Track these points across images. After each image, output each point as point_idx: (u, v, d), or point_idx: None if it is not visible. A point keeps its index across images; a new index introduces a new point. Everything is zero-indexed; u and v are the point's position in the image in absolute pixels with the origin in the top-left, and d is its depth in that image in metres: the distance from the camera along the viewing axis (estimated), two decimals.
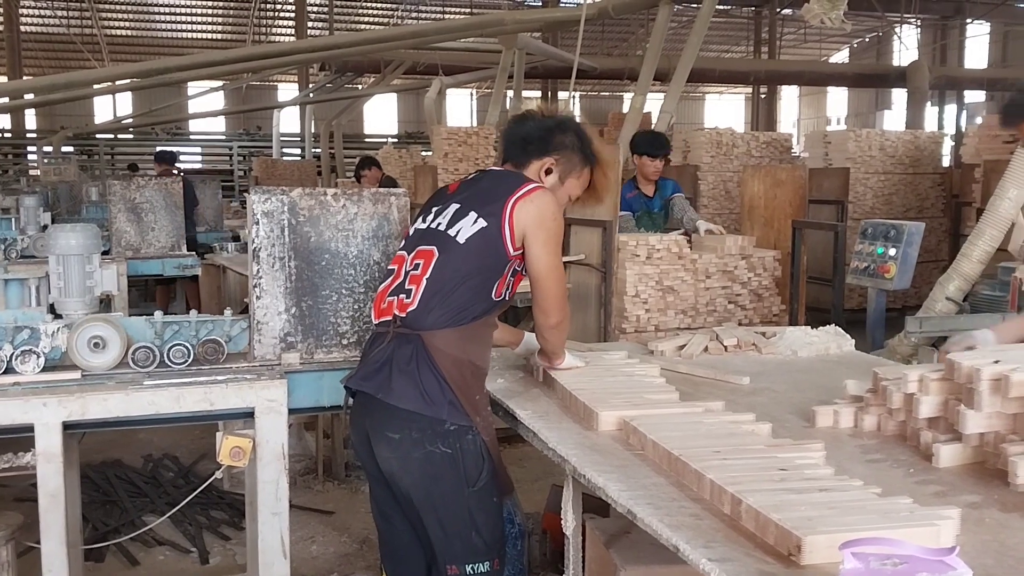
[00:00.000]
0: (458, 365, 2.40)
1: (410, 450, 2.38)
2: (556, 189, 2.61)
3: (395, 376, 2.40)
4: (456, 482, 2.39)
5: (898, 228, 4.51)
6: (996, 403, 1.93)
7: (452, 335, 2.40)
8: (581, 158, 2.65)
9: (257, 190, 2.82)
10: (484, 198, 2.50)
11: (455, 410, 2.37)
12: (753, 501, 1.64)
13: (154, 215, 6.79)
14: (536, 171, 2.61)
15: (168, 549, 4.09)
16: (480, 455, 2.40)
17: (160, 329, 2.89)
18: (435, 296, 2.41)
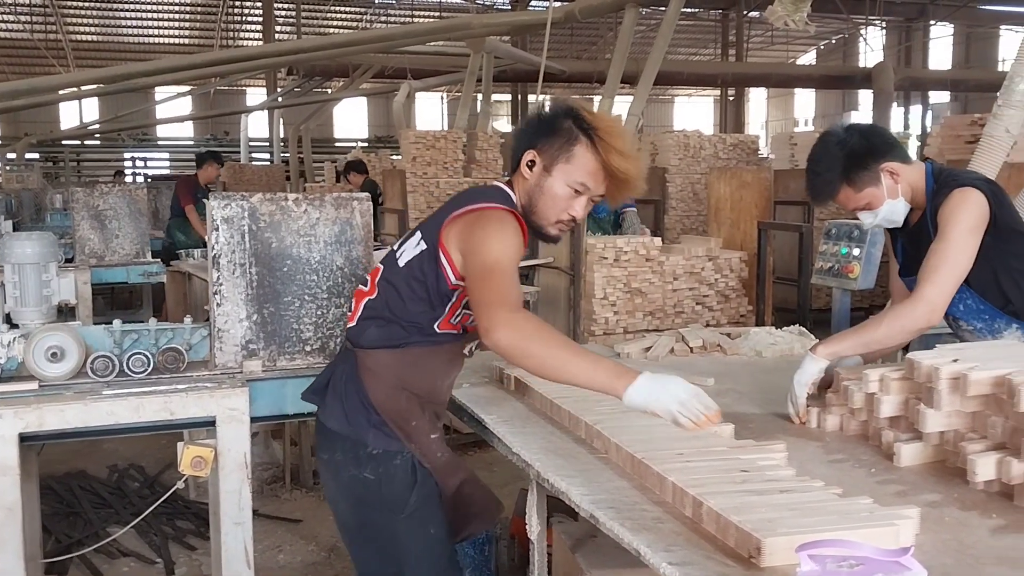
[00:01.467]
0: (389, 389, 2.23)
1: (336, 472, 2.28)
2: (544, 183, 2.20)
3: (329, 393, 2.31)
4: (384, 509, 2.24)
5: (862, 228, 4.54)
6: (955, 402, 1.94)
7: (386, 357, 2.24)
8: (566, 137, 2.20)
9: (216, 196, 2.79)
10: (434, 217, 2.28)
11: (380, 434, 2.21)
12: (714, 503, 1.63)
13: (118, 222, 6.71)
14: (521, 172, 2.26)
15: (133, 560, 4.04)
16: (410, 481, 2.22)
17: (119, 338, 2.85)
18: (371, 317, 2.27)
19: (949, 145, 7.53)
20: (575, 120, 2.21)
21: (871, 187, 2.54)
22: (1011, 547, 1.59)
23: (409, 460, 2.22)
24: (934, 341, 2.38)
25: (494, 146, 10.96)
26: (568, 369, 1.92)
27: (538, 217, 2.23)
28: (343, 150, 21.08)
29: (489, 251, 2.06)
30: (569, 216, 2.23)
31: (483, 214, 2.15)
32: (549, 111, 2.28)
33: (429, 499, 2.25)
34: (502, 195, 2.24)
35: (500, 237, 2.09)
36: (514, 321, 1.94)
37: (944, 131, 7.96)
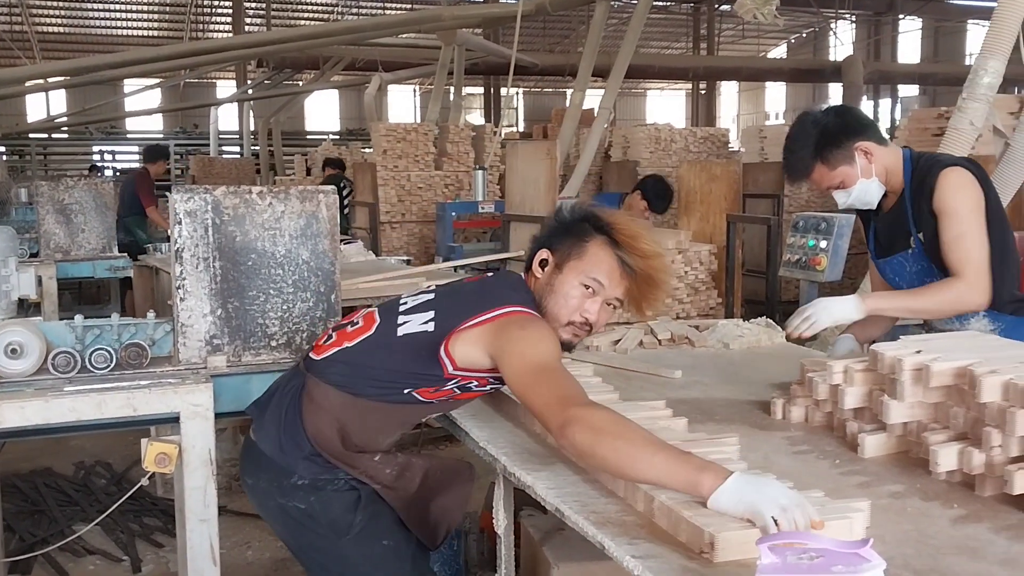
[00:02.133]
0: (325, 427, 2.12)
1: (263, 501, 2.18)
2: (555, 281, 2.14)
3: (268, 412, 2.22)
4: (328, 536, 2.12)
5: (829, 220, 4.57)
6: (918, 393, 1.95)
7: (336, 397, 2.13)
8: (579, 234, 2.16)
9: (180, 189, 2.75)
10: (457, 301, 2.18)
11: (312, 465, 2.11)
12: (665, 498, 1.62)
13: (84, 216, 6.62)
14: (534, 271, 2.22)
15: (99, 558, 3.99)
16: (351, 503, 2.12)
17: (81, 333, 2.81)
18: (345, 361, 2.18)
19: (916, 138, 7.60)
20: (592, 220, 2.18)
21: (844, 165, 2.57)
22: (971, 537, 1.61)
23: (344, 483, 2.11)
24: (900, 332, 2.40)
25: (465, 139, 10.93)
26: (650, 466, 1.65)
27: (548, 318, 2.12)
28: (314, 143, 20.95)
29: (535, 353, 1.94)
30: (582, 319, 2.12)
31: (512, 319, 2.04)
32: (567, 213, 2.25)
33: (378, 515, 2.14)
34: (524, 294, 2.15)
35: (539, 337, 1.99)
36: (586, 417, 1.74)
37: (912, 124, 8.04)
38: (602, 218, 2.16)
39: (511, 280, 2.24)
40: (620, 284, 2.12)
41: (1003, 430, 1.74)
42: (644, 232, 2.14)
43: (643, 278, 2.12)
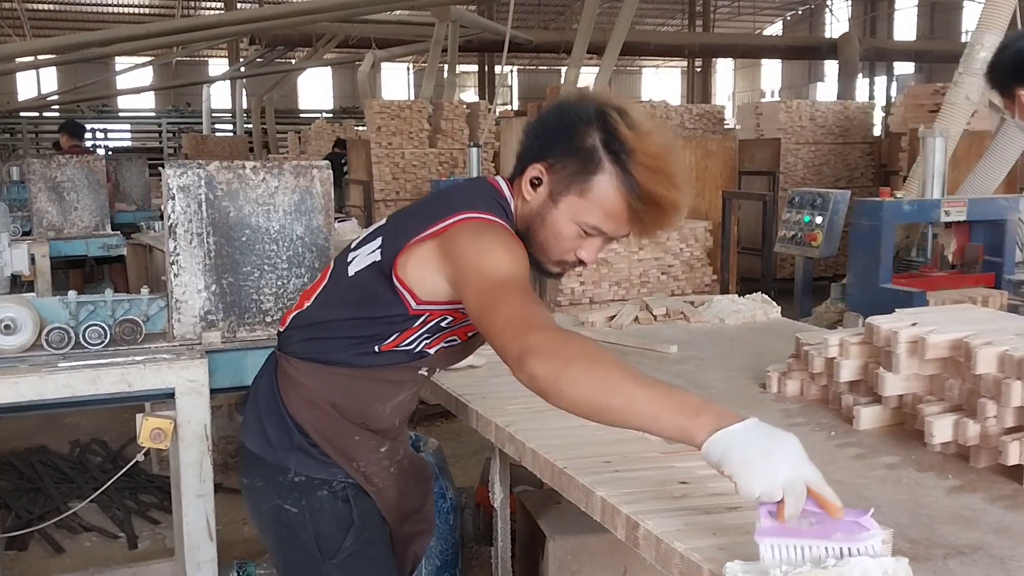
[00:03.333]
0: (313, 407, 1.83)
1: (258, 502, 1.89)
2: (547, 215, 1.70)
3: (249, 406, 1.94)
4: (308, 552, 1.83)
5: (824, 196, 4.57)
6: (914, 365, 1.95)
7: (313, 370, 1.84)
8: (586, 159, 1.65)
9: (172, 164, 2.74)
10: (407, 217, 1.80)
11: (307, 458, 1.81)
12: (652, 525, 1.41)
13: (76, 194, 6.59)
14: (523, 187, 1.74)
15: (95, 535, 4.00)
16: (344, 519, 1.82)
17: (75, 309, 2.80)
18: (305, 325, 1.87)
19: (912, 114, 7.58)
20: (605, 134, 1.64)
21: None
22: (965, 507, 1.61)
23: (340, 493, 1.82)
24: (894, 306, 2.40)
25: (460, 116, 10.88)
26: (629, 403, 1.32)
27: (536, 250, 1.73)
28: (307, 121, 20.86)
29: (490, 266, 1.56)
30: (576, 259, 1.74)
31: (462, 227, 1.64)
32: (573, 110, 1.69)
33: (371, 541, 1.86)
34: (484, 199, 1.71)
35: (495, 246, 1.60)
36: (549, 344, 1.40)
37: (907, 100, 8.02)
38: (619, 133, 1.62)
39: (476, 184, 1.79)
40: (626, 227, 1.68)
41: (998, 401, 1.74)
42: (672, 155, 1.64)
43: (661, 212, 1.65)
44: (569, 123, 1.68)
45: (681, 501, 1.53)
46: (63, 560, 3.77)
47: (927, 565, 1.36)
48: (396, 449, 1.91)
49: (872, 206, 3.88)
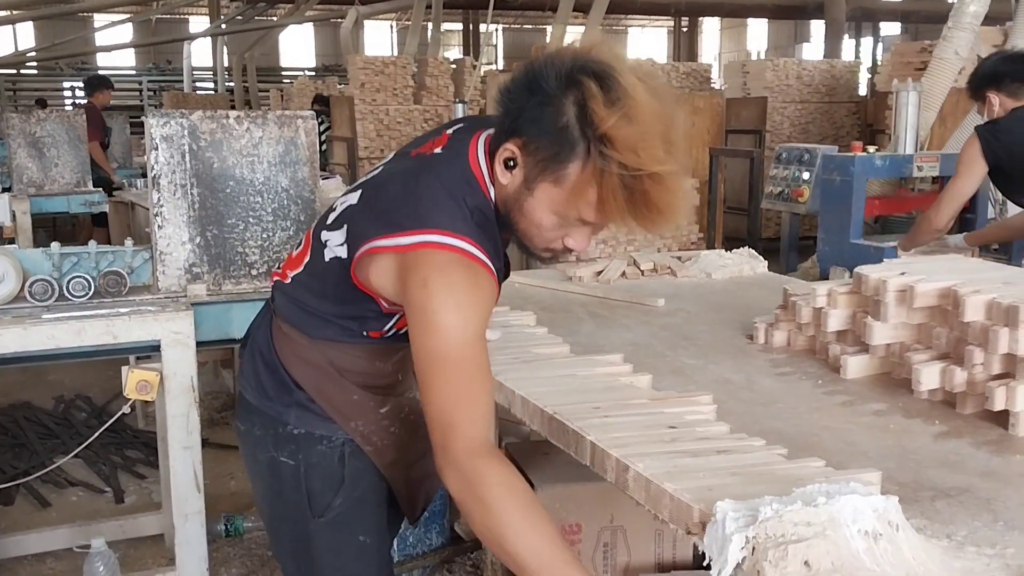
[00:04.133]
0: (311, 368, 1.73)
1: (255, 450, 1.80)
2: (524, 201, 1.49)
3: (247, 356, 1.83)
4: (298, 507, 1.76)
5: (812, 152, 4.56)
6: (902, 314, 1.96)
7: (300, 336, 1.72)
8: (560, 142, 1.40)
9: (155, 113, 2.70)
10: (369, 209, 1.60)
11: (306, 413, 1.73)
12: (643, 467, 1.40)
13: (57, 150, 6.50)
14: (500, 166, 1.51)
15: (81, 490, 3.99)
16: (335, 478, 1.75)
17: (58, 261, 2.77)
18: (290, 298, 1.74)
19: (900, 72, 7.54)
20: (580, 109, 1.38)
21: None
22: (952, 451, 1.63)
23: (338, 449, 1.74)
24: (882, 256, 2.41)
25: (445, 72, 10.76)
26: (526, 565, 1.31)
27: (520, 236, 1.56)
28: (290, 78, 20.63)
29: (436, 331, 1.42)
30: (563, 246, 1.55)
31: (420, 260, 1.45)
32: (543, 75, 1.42)
33: (362, 501, 1.78)
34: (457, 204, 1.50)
35: (451, 306, 1.42)
36: (470, 472, 1.36)
37: (894, 59, 7.98)
38: (595, 112, 1.36)
39: (452, 176, 1.54)
40: (613, 215, 1.44)
41: (985, 348, 1.75)
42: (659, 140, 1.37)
43: (645, 206, 1.40)
44: (540, 93, 1.42)
45: (670, 445, 1.53)
46: (49, 514, 3.77)
47: (915, 507, 1.37)
48: (399, 407, 1.80)
49: (843, 161, 3.87)
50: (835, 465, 1.46)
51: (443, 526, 3.26)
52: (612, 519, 2.35)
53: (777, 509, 1.14)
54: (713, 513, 1.20)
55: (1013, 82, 3.38)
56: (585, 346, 2.27)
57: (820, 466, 1.44)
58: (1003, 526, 1.33)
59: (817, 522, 1.13)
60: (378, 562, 1.83)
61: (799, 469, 1.42)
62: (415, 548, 3.16)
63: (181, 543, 2.77)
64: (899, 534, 1.16)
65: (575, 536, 2.32)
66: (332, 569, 1.78)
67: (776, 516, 1.13)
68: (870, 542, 1.13)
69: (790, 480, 1.30)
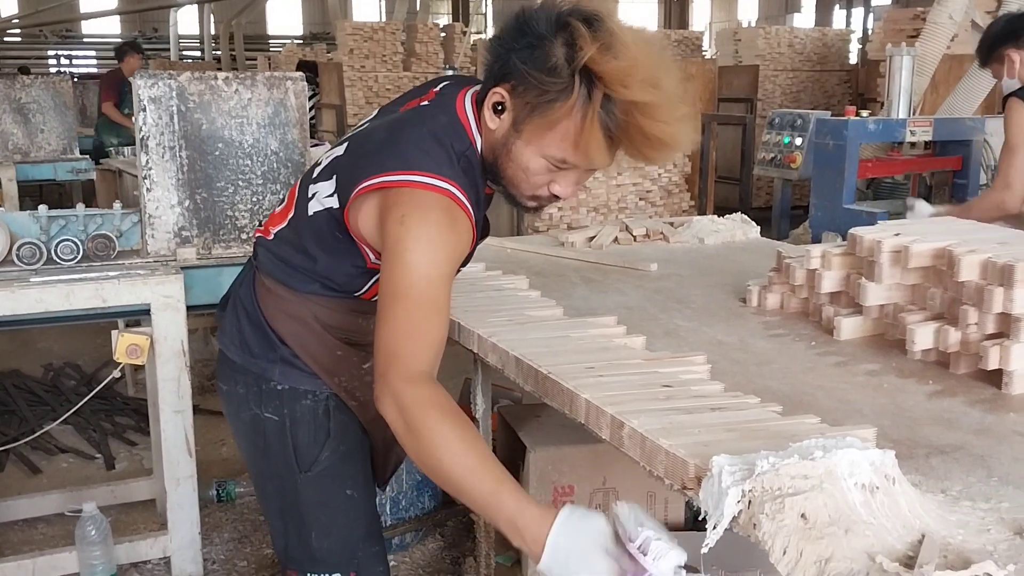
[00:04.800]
0: (295, 323, 1.73)
1: (238, 409, 1.80)
2: (512, 146, 1.51)
3: (228, 314, 1.83)
4: (285, 461, 1.76)
5: (804, 117, 4.54)
6: (896, 275, 1.95)
7: (284, 291, 1.73)
8: (548, 83, 1.41)
9: (143, 74, 2.66)
10: (360, 156, 1.61)
11: (291, 369, 1.73)
12: (637, 424, 1.40)
13: (43, 116, 6.42)
14: (488, 113, 1.53)
15: (72, 456, 3.98)
16: (321, 432, 1.76)
17: (46, 224, 2.74)
18: (274, 254, 1.74)
19: (892, 39, 7.51)
20: (569, 49, 1.40)
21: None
22: (946, 409, 1.63)
23: (323, 403, 1.75)
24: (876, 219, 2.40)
25: (435, 39, 10.69)
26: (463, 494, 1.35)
27: (506, 183, 1.56)
28: (277, 46, 20.45)
29: (403, 265, 1.43)
30: (550, 193, 1.55)
31: (403, 196, 1.47)
32: (533, 19, 1.45)
33: (348, 455, 1.79)
34: (444, 149, 1.52)
35: (424, 243, 1.44)
36: (404, 400, 1.38)
37: (886, 25, 7.95)
38: (584, 49, 1.38)
39: (439, 123, 1.56)
40: (606, 156, 1.45)
41: (980, 308, 1.75)
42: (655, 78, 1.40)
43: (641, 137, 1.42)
44: (530, 36, 1.44)
45: (665, 403, 1.53)
46: (40, 480, 3.76)
47: (910, 463, 1.37)
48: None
49: (836, 125, 3.85)
50: (830, 422, 1.46)
51: (436, 490, 3.27)
52: (604, 481, 2.36)
53: (774, 463, 1.14)
54: (709, 468, 1.19)
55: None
56: (579, 309, 2.26)
57: (815, 423, 1.44)
58: (997, 481, 1.33)
59: (814, 475, 1.13)
60: (366, 515, 1.84)
61: (795, 425, 1.42)
62: (408, 511, 3.17)
63: (173, 507, 2.77)
64: (896, 487, 1.16)
65: (568, 498, 2.33)
66: (320, 523, 1.78)
67: (773, 469, 1.13)
68: (867, 495, 1.13)
69: (786, 436, 1.29)
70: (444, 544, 3.26)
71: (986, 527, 1.19)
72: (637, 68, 1.38)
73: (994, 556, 1.10)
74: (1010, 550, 1.12)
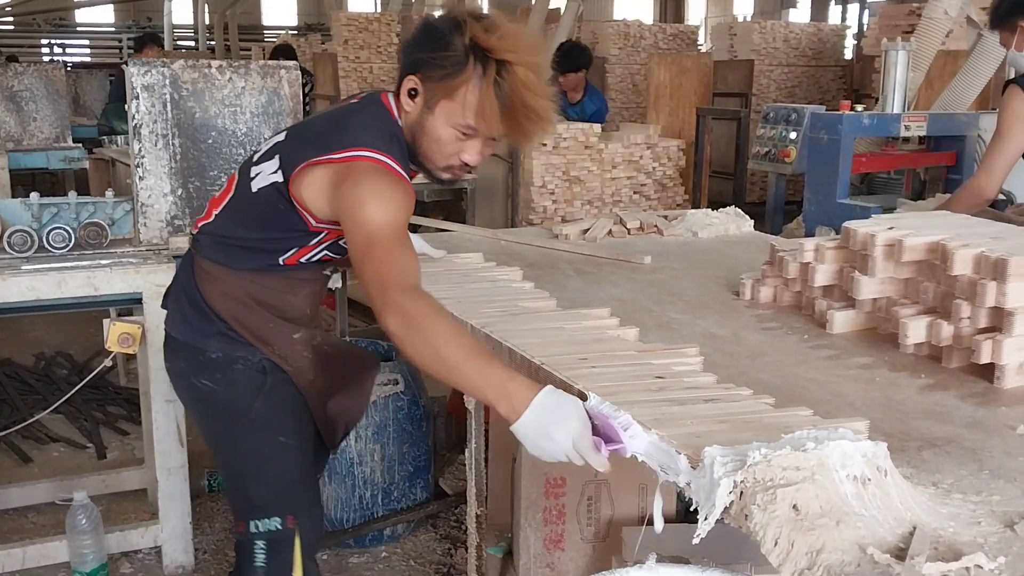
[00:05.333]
0: (232, 301, 1.97)
1: (178, 380, 2.07)
2: (426, 122, 1.82)
3: (171, 298, 2.10)
4: (224, 418, 2.01)
5: (799, 112, 4.54)
6: (889, 268, 1.95)
7: (225, 271, 1.98)
8: (452, 64, 1.76)
9: (136, 62, 2.65)
10: (303, 139, 1.90)
11: (225, 340, 1.96)
12: (630, 415, 1.40)
13: (35, 104, 6.39)
14: (403, 100, 1.86)
15: (63, 445, 3.97)
16: (255, 386, 1.97)
17: (37, 212, 2.73)
18: (213, 234, 2.00)
19: (887, 35, 7.51)
20: (468, 39, 1.75)
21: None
22: (937, 403, 1.63)
23: (256, 365, 1.97)
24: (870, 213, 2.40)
25: None
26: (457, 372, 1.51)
27: (423, 158, 1.86)
28: (271, 37, 20.38)
29: (367, 218, 1.69)
30: (461, 162, 1.85)
31: (352, 168, 1.75)
32: (436, 24, 1.82)
33: (281, 407, 2.00)
34: (379, 130, 1.83)
35: (377, 199, 1.70)
36: (404, 306, 1.57)
37: (882, 21, 7.95)
38: (479, 38, 1.74)
39: (370, 112, 1.88)
40: (500, 123, 1.77)
41: (972, 302, 1.75)
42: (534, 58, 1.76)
43: (523, 120, 1.77)
44: (435, 34, 1.79)
45: (658, 394, 1.53)
46: (31, 469, 3.75)
47: (902, 456, 1.37)
48: (311, 335, 2.05)
49: (831, 119, 3.85)
50: (822, 415, 1.46)
51: (428, 481, 3.27)
52: (596, 473, 2.35)
53: (766, 454, 1.14)
54: (701, 458, 1.19)
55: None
56: (572, 301, 2.26)
57: (808, 415, 1.44)
58: (988, 474, 1.34)
59: (806, 467, 1.13)
60: (299, 462, 2.05)
61: (787, 417, 1.42)
62: (400, 503, 3.17)
63: (164, 497, 2.77)
64: (887, 479, 1.16)
65: (559, 489, 2.33)
66: (258, 467, 2.00)
67: (765, 461, 1.13)
68: (858, 486, 1.13)
69: (778, 428, 1.30)
70: (436, 535, 3.26)
71: (977, 519, 1.19)
72: (520, 39, 1.76)
73: (984, 548, 1.10)
74: (1000, 542, 1.12)
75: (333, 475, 3.08)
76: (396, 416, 3.07)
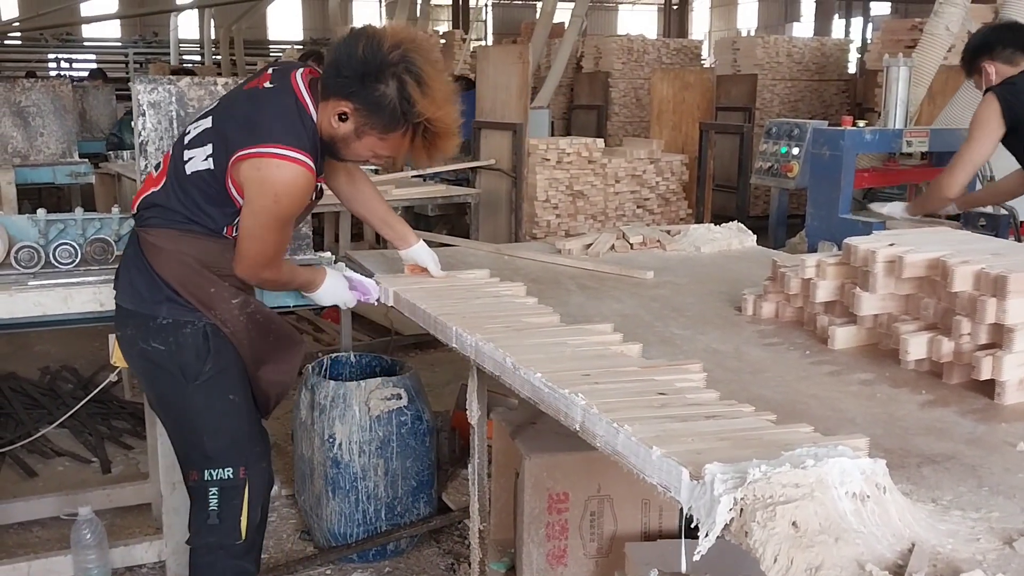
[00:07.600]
0: (176, 264, 2.22)
1: (129, 348, 2.29)
2: (350, 142, 2.18)
3: (121, 272, 2.32)
4: (175, 379, 2.24)
5: (802, 127, 4.56)
6: (890, 284, 1.96)
7: (171, 234, 2.22)
8: (389, 121, 2.11)
9: (142, 79, 2.67)
10: (230, 130, 2.15)
11: (173, 306, 2.22)
12: (632, 431, 1.41)
13: (42, 119, 6.43)
14: (330, 111, 2.14)
15: (68, 460, 3.99)
16: (202, 350, 2.23)
17: (44, 228, 2.75)
18: (155, 206, 2.25)
19: (890, 50, 7.55)
20: (401, 96, 2.08)
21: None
22: (938, 419, 1.64)
23: (201, 329, 2.23)
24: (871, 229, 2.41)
25: (434, 46, 10.70)
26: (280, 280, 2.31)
27: (336, 154, 2.24)
28: (277, 52, 20.48)
29: (265, 213, 2.12)
30: (367, 162, 2.34)
31: (270, 164, 2.07)
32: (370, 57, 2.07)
33: (227, 369, 2.27)
34: (302, 132, 2.12)
35: (278, 194, 2.10)
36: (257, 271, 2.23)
37: (884, 36, 7.98)
38: (417, 104, 2.09)
39: (286, 107, 2.14)
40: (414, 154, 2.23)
41: (973, 319, 1.76)
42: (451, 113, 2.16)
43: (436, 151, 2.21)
44: (368, 72, 2.07)
45: (660, 410, 1.53)
46: (36, 483, 3.76)
47: (901, 472, 1.38)
48: (247, 303, 2.31)
49: (833, 135, 3.86)
50: (823, 431, 1.46)
51: (431, 496, 3.28)
52: (599, 488, 2.36)
53: (765, 471, 1.14)
54: (702, 475, 1.20)
55: (1005, 48, 3.34)
56: (575, 317, 2.27)
57: (808, 431, 1.44)
58: (988, 491, 1.34)
59: (805, 484, 1.13)
60: (247, 417, 2.33)
61: (787, 434, 1.42)
62: (403, 518, 3.17)
63: (169, 511, 2.78)
64: (886, 496, 1.17)
65: (562, 504, 2.33)
66: (210, 426, 2.25)
67: (764, 478, 1.14)
68: (857, 504, 1.14)
69: (778, 445, 1.30)
70: (439, 550, 3.26)
71: (976, 536, 1.20)
72: (443, 91, 2.13)
73: (983, 565, 1.10)
74: (999, 559, 1.13)
75: (337, 490, 3.09)
76: (399, 431, 3.08)
